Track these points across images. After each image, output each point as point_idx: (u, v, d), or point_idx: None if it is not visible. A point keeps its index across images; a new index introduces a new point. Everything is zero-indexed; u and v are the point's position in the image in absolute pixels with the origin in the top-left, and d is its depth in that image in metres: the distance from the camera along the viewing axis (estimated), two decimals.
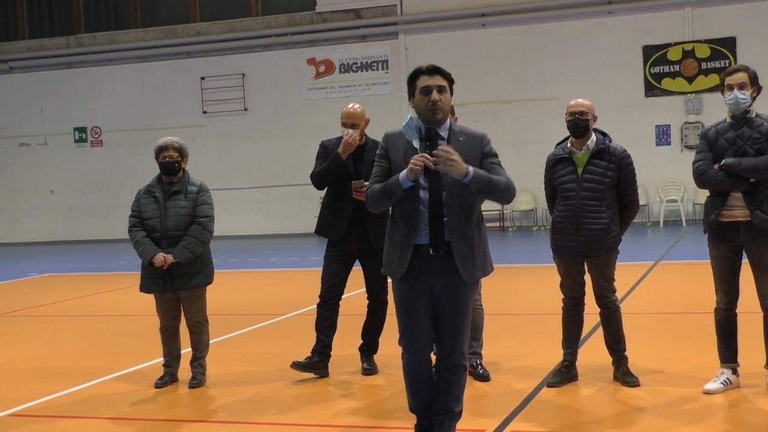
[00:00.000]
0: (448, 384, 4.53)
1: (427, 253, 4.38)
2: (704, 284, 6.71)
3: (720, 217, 5.59)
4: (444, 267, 4.39)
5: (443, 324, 4.48)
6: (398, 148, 4.45)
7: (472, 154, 4.40)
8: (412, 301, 4.47)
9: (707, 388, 5.68)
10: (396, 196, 4.36)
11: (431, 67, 4.42)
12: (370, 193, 4.51)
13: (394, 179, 4.35)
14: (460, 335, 4.49)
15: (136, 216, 6.59)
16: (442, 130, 4.44)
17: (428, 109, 4.35)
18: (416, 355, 4.53)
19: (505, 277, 11.96)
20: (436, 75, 4.39)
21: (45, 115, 25.14)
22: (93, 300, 12.07)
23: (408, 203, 4.38)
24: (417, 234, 4.38)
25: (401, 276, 4.45)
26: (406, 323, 4.54)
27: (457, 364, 4.52)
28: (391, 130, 4.56)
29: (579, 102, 5.95)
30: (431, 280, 4.42)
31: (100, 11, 25.08)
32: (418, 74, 4.42)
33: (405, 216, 4.41)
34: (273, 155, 23.22)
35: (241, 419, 5.64)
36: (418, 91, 4.39)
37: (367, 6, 22.76)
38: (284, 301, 10.82)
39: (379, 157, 4.54)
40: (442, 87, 4.38)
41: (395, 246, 4.47)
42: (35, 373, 7.31)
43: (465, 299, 4.48)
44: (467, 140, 4.44)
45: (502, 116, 21.81)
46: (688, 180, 18.31)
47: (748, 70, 5.60)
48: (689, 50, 20.62)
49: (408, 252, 4.39)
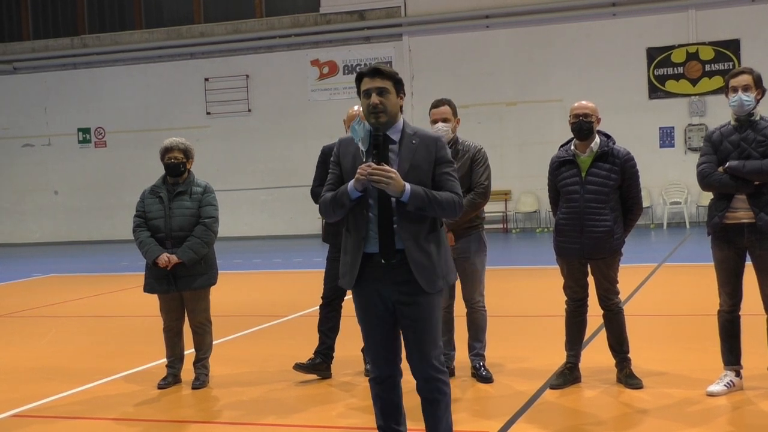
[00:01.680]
0: (428, 405, 4.28)
1: (378, 263, 4.15)
2: (708, 286, 6.71)
3: (724, 219, 5.58)
4: (398, 276, 4.14)
5: (407, 336, 4.23)
6: (348, 154, 4.25)
7: (425, 157, 4.18)
8: (370, 312, 4.25)
9: (710, 390, 5.67)
10: (346, 207, 4.16)
11: (372, 68, 4.20)
12: (322, 203, 4.28)
13: (343, 189, 4.15)
14: (427, 347, 4.19)
15: (140, 216, 6.60)
16: (394, 132, 4.21)
17: (369, 113, 4.15)
18: (384, 369, 4.30)
19: (508, 279, 11.97)
20: (377, 77, 4.17)
21: (49, 115, 25.19)
22: (97, 300, 12.09)
23: (357, 211, 4.18)
24: (366, 243, 4.16)
25: (352, 287, 4.25)
26: (367, 336, 4.32)
27: (432, 379, 4.22)
28: (345, 135, 4.38)
29: (583, 104, 5.94)
30: (387, 290, 4.17)
31: (104, 12, 25.12)
32: (361, 77, 4.22)
33: (355, 224, 4.20)
34: (277, 156, 23.25)
35: (244, 420, 5.65)
36: (361, 95, 4.20)
37: (371, 7, 22.78)
38: (287, 302, 10.82)
39: (332, 164, 4.33)
40: (383, 89, 4.15)
41: (347, 256, 4.26)
42: (39, 373, 7.32)
43: (427, 310, 4.19)
44: (421, 143, 4.20)
45: (507, 118, 21.81)
46: (691, 182, 18.31)
47: (753, 73, 5.59)
48: (693, 52, 20.62)
49: (358, 261, 4.18)
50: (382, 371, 4.32)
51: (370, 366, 4.40)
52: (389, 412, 4.36)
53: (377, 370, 4.33)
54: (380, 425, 4.40)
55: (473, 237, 6.31)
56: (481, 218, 6.43)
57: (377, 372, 4.34)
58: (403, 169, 4.12)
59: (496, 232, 20.97)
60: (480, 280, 6.39)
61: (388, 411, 4.36)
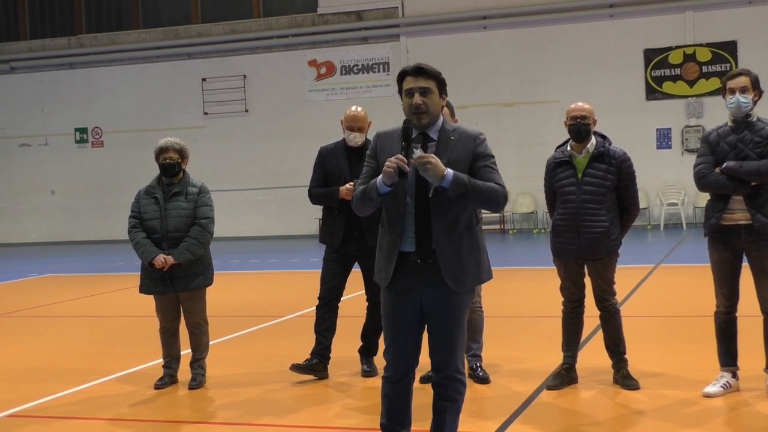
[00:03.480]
0: (442, 403, 4.25)
1: (414, 262, 4.11)
2: (704, 287, 6.71)
3: (721, 220, 5.59)
4: (433, 277, 4.10)
5: (435, 337, 4.19)
6: (387, 149, 4.16)
7: (463, 154, 4.13)
8: (400, 312, 4.19)
9: (707, 391, 5.68)
10: (374, 201, 4.11)
11: (416, 67, 4.14)
12: (354, 196, 4.25)
13: (372, 184, 4.09)
14: (454, 349, 4.17)
15: (136, 217, 6.58)
16: (433, 130, 4.16)
17: (412, 113, 4.11)
18: (401, 370, 4.23)
19: (505, 280, 11.96)
20: (420, 76, 4.12)
21: (46, 115, 25.16)
22: (93, 301, 12.07)
23: (393, 209, 4.13)
24: (402, 241, 4.11)
25: (387, 285, 4.19)
26: (392, 335, 4.24)
27: (452, 379, 4.21)
28: (383, 129, 4.29)
29: (579, 106, 5.94)
30: (420, 290, 4.13)
31: (101, 12, 25.10)
32: (404, 75, 4.17)
33: (390, 222, 4.16)
34: (274, 157, 23.24)
35: (241, 421, 5.64)
36: (403, 94, 4.16)
37: (368, 8, 22.77)
38: (284, 302, 10.81)
39: (368, 157, 4.27)
40: (426, 89, 4.10)
41: (383, 253, 4.22)
42: (35, 373, 7.30)
43: (458, 310, 4.16)
44: (459, 139, 4.15)
45: (504, 119, 21.82)
46: (688, 183, 18.33)
47: (750, 74, 5.60)
48: (690, 54, 20.64)
49: (393, 260, 4.13)
50: (398, 371, 4.26)
51: (387, 365, 4.31)
52: (397, 413, 4.29)
53: (394, 369, 4.26)
54: (383, 424, 4.33)
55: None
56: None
57: (393, 371, 4.26)
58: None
59: (493, 233, 20.98)
60: None
61: (395, 413, 4.29)
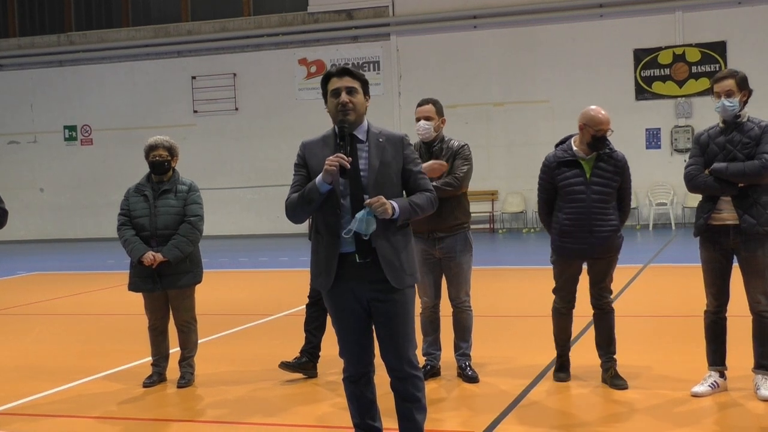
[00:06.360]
0: (406, 404, 4.32)
1: (354, 262, 4.20)
2: (694, 287, 6.73)
3: (710, 220, 5.61)
4: (373, 275, 4.19)
5: (381, 335, 4.29)
6: (316, 155, 4.27)
7: (393, 155, 4.27)
8: (345, 313, 4.31)
9: (695, 390, 5.69)
10: (315, 202, 4.19)
11: (341, 68, 4.27)
12: (289, 204, 4.30)
13: (311, 185, 4.18)
14: (402, 344, 4.26)
15: (125, 215, 6.57)
16: (360, 132, 4.27)
17: (338, 111, 4.20)
18: (359, 369, 4.36)
19: (494, 279, 11.98)
20: (346, 76, 4.23)
21: (35, 112, 25.07)
22: (81, 299, 12.03)
23: (330, 211, 4.21)
24: (342, 242, 4.19)
25: (329, 289, 4.28)
26: (343, 337, 4.37)
27: (408, 375, 4.29)
28: (308, 138, 4.39)
29: (607, 118, 5.91)
30: (360, 289, 4.22)
31: (91, 9, 25.01)
32: (329, 77, 4.28)
33: (328, 225, 4.22)
34: (264, 155, 23.21)
35: (230, 419, 5.63)
36: (329, 95, 4.25)
37: (359, 7, 22.76)
38: (273, 301, 10.80)
39: (296, 167, 4.36)
40: (352, 88, 4.22)
41: (320, 258, 4.28)
42: (23, 371, 7.28)
43: (401, 306, 4.25)
44: (387, 141, 4.29)
45: (494, 118, 21.84)
46: (677, 183, 18.40)
47: (736, 76, 5.59)
48: (680, 54, 20.70)
49: (334, 262, 4.21)
50: (357, 369, 4.40)
51: (345, 365, 4.44)
52: (365, 408, 4.43)
53: (352, 368, 4.41)
54: (356, 423, 4.46)
55: (459, 237, 6.31)
56: (467, 218, 6.43)
57: (352, 370, 4.41)
58: (374, 167, 4.21)
59: (482, 233, 20.99)
60: (466, 280, 6.39)
61: (364, 408, 4.43)
